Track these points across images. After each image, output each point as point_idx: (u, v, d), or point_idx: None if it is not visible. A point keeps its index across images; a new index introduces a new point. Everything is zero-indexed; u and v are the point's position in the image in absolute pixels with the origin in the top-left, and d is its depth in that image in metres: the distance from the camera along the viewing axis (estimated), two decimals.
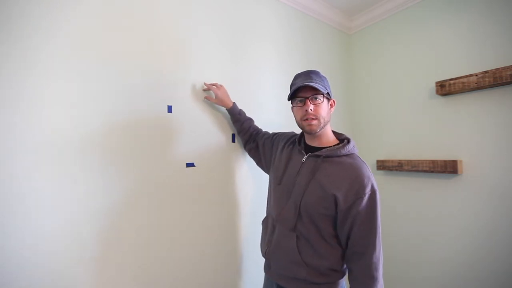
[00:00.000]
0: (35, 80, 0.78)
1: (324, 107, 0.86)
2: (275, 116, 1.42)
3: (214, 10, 1.22)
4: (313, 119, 0.85)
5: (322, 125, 0.86)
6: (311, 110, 0.84)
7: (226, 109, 1.17)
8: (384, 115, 1.69)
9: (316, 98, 0.85)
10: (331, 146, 0.88)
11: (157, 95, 1.03)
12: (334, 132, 0.95)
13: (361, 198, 0.78)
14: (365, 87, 1.81)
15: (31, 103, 0.78)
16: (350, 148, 0.86)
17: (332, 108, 0.91)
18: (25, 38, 0.78)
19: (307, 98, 0.85)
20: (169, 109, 1.05)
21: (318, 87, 0.82)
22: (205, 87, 1.14)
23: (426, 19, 1.49)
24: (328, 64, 1.76)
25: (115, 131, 0.92)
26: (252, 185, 1.29)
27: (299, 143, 0.96)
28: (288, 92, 1.30)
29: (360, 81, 1.84)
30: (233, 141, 1.24)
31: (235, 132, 1.23)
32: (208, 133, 1.15)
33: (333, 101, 0.92)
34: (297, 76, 0.92)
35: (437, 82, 1.38)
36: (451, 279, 1.34)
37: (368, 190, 0.79)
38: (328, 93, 0.88)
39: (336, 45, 1.82)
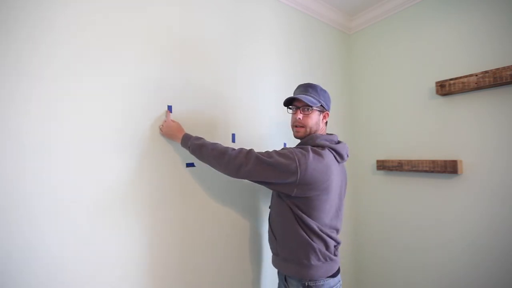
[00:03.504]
0: (34, 80, 0.79)
1: (313, 117, 0.96)
2: (274, 115, 1.42)
3: (215, 10, 1.22)
4: (301, 127, 0.97)
5: (308, 132, 0.97)
6: (299, 118, 0.96)
7: None
8: (384, 115, 1.69)
9: (306, 109, 0.95)
10: None
11: (157, 95, 1.03)
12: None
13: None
14: (365, 87, 1.81)
15: (37, 103, 0.78)
16: (304, 141, 0.96)
17: (324, 119, 1.01)
18: (25, 38, 0.78)
19: (299, 108, 0.96)
20: (169, 109, 1.05)
21: (307, 102, 0.91)
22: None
23: (426, 19, 1.49)
24: (328, 64, 1.75)
25: (114, 131, 0.92)
26: (253, 183, 1.29)
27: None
28: (288, 93, 1.44)
29: (360, 81, 1.84)
30: (233, 140, 1.24)
31: None
32: (208, 132, 1.15)
33: (327, 113, 1.01)
34: (298, 87, 1.02)
35: (437, 82, 1.38)
36: (451, 281, 1.34)
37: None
38: (322, 105, 0.97)
39: (336, 45, 1.82)
